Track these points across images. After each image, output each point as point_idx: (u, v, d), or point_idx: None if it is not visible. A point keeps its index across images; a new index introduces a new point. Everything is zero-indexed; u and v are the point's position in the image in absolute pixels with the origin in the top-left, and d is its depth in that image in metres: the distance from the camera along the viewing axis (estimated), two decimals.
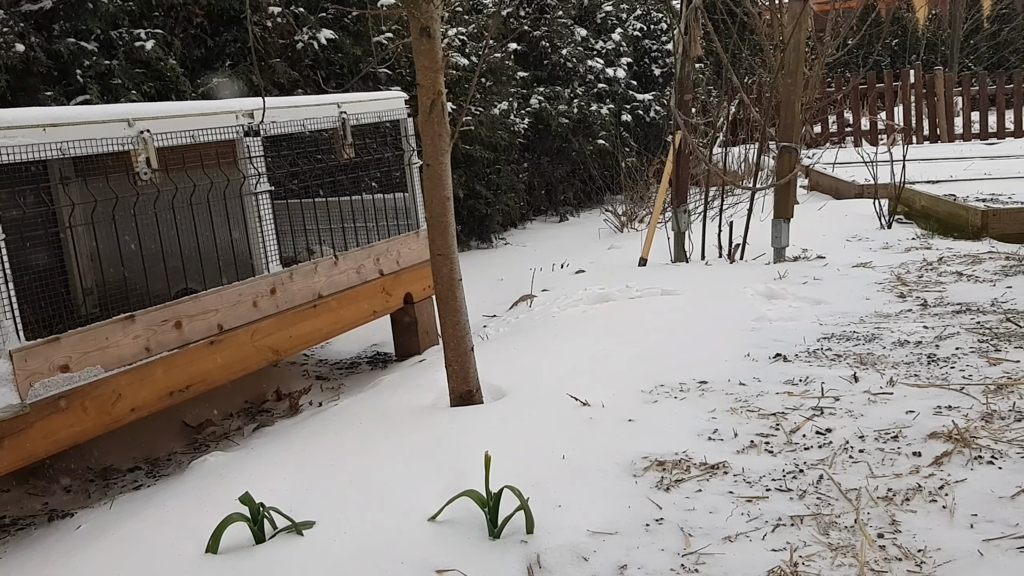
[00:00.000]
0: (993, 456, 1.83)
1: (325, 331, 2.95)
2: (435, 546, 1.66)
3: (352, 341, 3.86)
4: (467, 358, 2.35)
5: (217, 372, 2.52)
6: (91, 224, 2.60)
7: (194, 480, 2.20)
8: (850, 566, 1.50)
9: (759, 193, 4.75)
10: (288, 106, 2.84)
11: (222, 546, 1.73)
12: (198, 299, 2.48)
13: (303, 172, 3.20)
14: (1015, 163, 7.13)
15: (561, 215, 7.51)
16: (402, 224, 3.42)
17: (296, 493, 1.92)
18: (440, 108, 2.20)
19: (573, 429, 2.14)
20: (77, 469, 2.73)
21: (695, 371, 2.52)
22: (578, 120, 7.53)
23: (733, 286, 3.57)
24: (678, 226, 4.41)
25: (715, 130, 5.41)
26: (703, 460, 1.93)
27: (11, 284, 2.00)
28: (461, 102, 5.19)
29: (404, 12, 2.19)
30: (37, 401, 2.04)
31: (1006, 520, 1.59)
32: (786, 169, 4.31)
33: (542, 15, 7.74)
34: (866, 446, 1.94)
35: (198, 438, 2.98)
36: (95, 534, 1.98)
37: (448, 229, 2.28)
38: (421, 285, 3.36)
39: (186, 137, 2.46)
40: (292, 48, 4.71)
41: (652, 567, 1.55)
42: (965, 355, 2.49)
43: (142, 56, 3.95)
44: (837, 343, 2.73)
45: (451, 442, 2.09)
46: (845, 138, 11.14)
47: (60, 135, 2.14)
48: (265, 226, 2.71)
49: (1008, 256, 3.95)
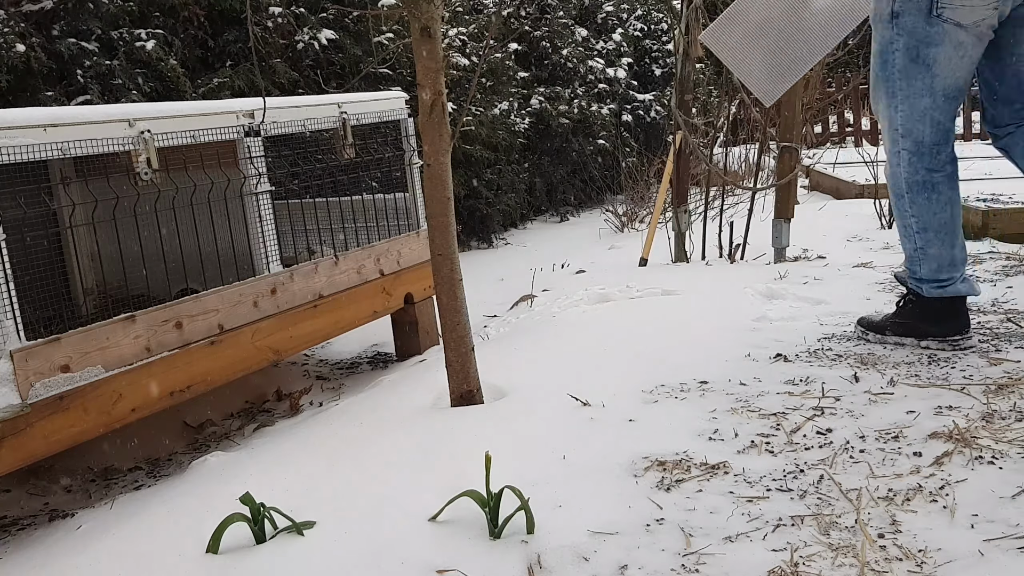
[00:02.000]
0: (994, 456, 1.83)
1: (325, 331, 2.95)
2: (435, 546, 1.66)
3: (352, 341, 3.86)
4: (467, 358, 2.35)
5: (218, 372, 2.52)
6: (92, 224, 2.60)
7: (195, 480, 2.21)
8: (851, 566, 1.50)
9: (759, 193, 4.75)
10: (289, 106, 2.84)
11: (223, 546, 1.73)
12: (199, 299, 2.48)
13: (303, 172, 3.20)
14: None
15: (561, 215, 7.51)
16: (402, 224, 3.42)
17: (297, 493, 1.92)
18: (440, 108, 2.20)
19: (574, 429, 2.14)
20: (78, 469, 2.73)
21: (696, 371, 2.52)
22: (579, 120, 7.53)
23: (734, 286, 3.57)
24: (678, 226, 4.41)
25: (715, 130, 5.41)
26: (704, 460, 1.93)
27: (12, 284, 2.00)
28: (461, 102, 5.19)
29: (404, 12, 2.19)
30: (38, 401, 2.04)
31: (1007, 520, 1.59)
32: (786, 169, 4.31)
33: (543, 15, 7.74)
34: (867, 446, 1.94)
35: (199, 438, 2.98)
36: (95, 534, 1.98)
37: (448, 229, 2.28)
38: (422, 285, 3.36)
39: (187, 137, 2.46)
40: (293, 48, 4.72)
41: (653, 567, 1.55)
42: (966, 355, 2.49)
43: (143, 56, 3.95)
44: (838, 343, 2.73)
45: (451, 442, 2.09)
46: (845, 138, 11.14)
47: (61, 135, 2.14)
48: (265, 226, 2.71)
49: (1009, 256, 3.95)
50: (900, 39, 2.39)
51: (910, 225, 2.56)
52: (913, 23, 2.36)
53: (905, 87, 2.43)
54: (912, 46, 2.38)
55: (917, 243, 2.56)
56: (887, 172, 2.60)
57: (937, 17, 2.33)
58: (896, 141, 2.50)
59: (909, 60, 2.40)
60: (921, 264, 2.59)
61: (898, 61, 2.41)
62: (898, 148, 2.50)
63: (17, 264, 2.08)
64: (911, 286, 2.66)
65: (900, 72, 2.42)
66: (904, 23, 2.37)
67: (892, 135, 2.52)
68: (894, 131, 2.50)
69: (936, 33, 2.35)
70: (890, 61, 2.43)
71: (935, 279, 2.59)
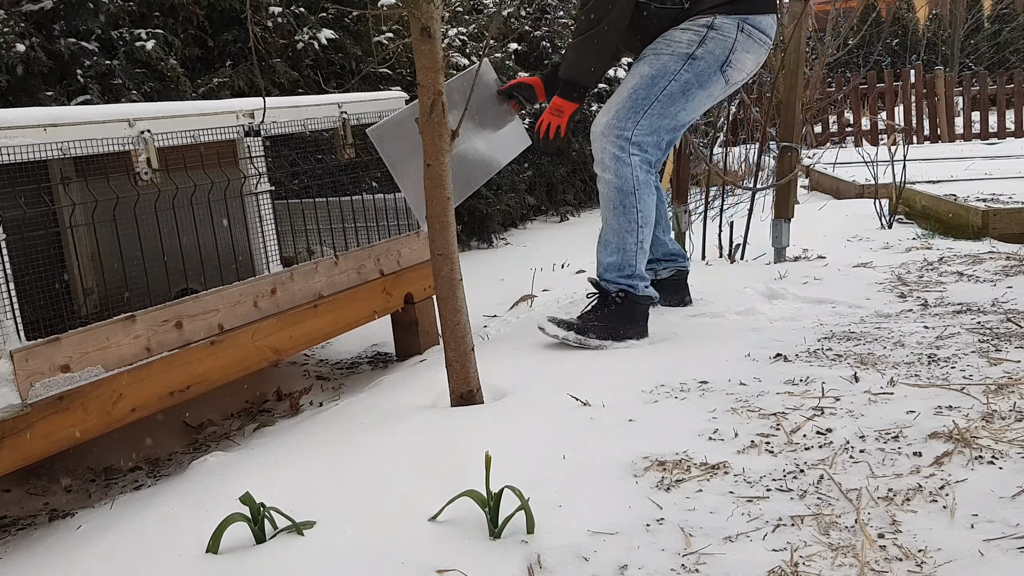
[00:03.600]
0: (994, 456, 1.83)
1: (325, 331, 2.95)
2: (435, 546, 1.66)
3: (352, 341, 3.86)
4: (467, 358, 2.35)
5: (218, 372, 2.52)
6: (91, 224, 2.60)
7: (195, 480, 2.21)
8: (851, 566, 1.50)
9: (760, 193, 4.75)
10: (289, 106, 2.84)
11: (223, 546, 1.73)
12: (199, 299, 2.48)
13: (303, 172, 3.20)
14: (1015, 163, 7.13)
15: (562, 215, 7.51)
16: (402, 224, 3.42)
17: (297, 493, 1.92)
18: (440, 108, 2.20)
19: (573, 429, 2.14)
20: (78, 469, 2.73)
21: (695, 371, 2.52)
22: (579, 120, 7.53)
23: (734, 286, 3.57)
24: (678, 226, 4.41)
25: (715, 130, 5.41)
26: (704, 460, 1.93)
27: (12, 284, 2.00)
28: None
29: (404, 12, 2.19)
30: (38, 401, 2.04)
31: (1007, 520, 1.59)
32: (786, 169, 4.31)
33: (543, 15, 7.74)
34: (867, 446, 1.94)
35: (199, 438, 2.98)
36: (95, 534, 1.98)
37: (448, 229, 2.28)
38: (422, 285, 3.36)
39: (187, 137, 2.46)
40: (292, 48, 4.72)
41: (653, 567, 1.55)
42: (966, 355, 2.49)
43: (143, 56, 3.95)
44: (838, 343, 2.73)
45: (451, 442, 2.09)
46: (845, 138, 11.13)
47: (61, 135, 2.14)
48: (266, 226, 2.71)
49: (1009, 256, 3.95)
50: (684, 74, 2.81)
51: (635, 219, 2.86)
52: (702, 68, 2.81)
53: (660, 109, 2.82)
54: (690, 82, 2.82)
55: (640, 236, 2.88)
56: (609, 174, 2.86)
57: (721, 72, 2.84)
58: (624, 148, 2.83)
59: (679, 91, 2.82)
60: (638, 259, 2.89)
61: (670, 88, 2.81)
62: (627, 154, 2.83)
63: (17, 264, 2.08)
64: (621, 287, 2.89)
65: (665, 96, 2.82)
66: (696, 65, 2.81)
67: (619, 142, 2.84)
68: (623, 139, 2.83)
69: (713, 81, 2.85)
70: (661, 85, 2.81)
71: (644, 276, 2.92)
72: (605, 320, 2.85)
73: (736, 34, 2.81)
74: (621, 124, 2.84)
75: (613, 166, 2.85)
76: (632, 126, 2.82)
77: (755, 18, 2.84)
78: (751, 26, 2.83)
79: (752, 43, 2.85)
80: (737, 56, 2.84)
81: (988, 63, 15.02)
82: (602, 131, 2.88)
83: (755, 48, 2.87)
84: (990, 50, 15.64)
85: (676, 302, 3.28)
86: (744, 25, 2.82)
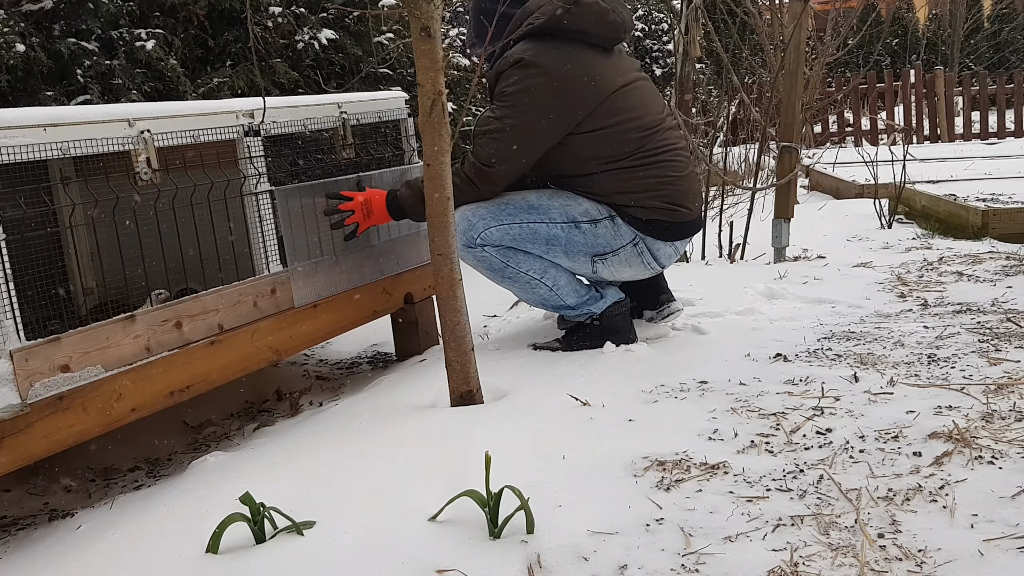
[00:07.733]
0: (994, 456, 1.83)
1: (325, 331, 2.94)
2: (435, 546, 1.66)
3: (352, 341, 3.86)
4: (467, 358, 2.35)
5: (217, 372, 2.52)
6: (91, 224, 2.60)
7: (195, 480, 2.21)
8: (850, 566, 1.50)
9: (759, 193, 4.75)
10: (288, 106, 2.84)
11: (223, 546, 1.73)
12: (199, 299, 2.48)
13: (303, 172, 3.19)
14: (1015, 163, 7.14)
15: None
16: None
17: (296, 493, 1.92)
18: (440, 108, 2.20)
19: (573, 429, 2.14)
20: (78, 469, 2.73)
21: (695, 371, 2.52)
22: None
23: (733, 286, 3.57)
24: None
25: (715, 130, 5.41)
26: (703, 460, 1.93)
27: (11, 284, 2.00)
28: (461, 102, 5.19)
29: (405, 12, 2.19)
30: (38, 401, 2.04)
31: (1006, 520, 1.59)
32: (786, 169, 4.31)
33: None
34: (866, 446, 1.94)
35: (198, 438, 2.98)
36: (95, 534, 1.98)
37: (448, 229, 2.28)
38: (422, 285, 3.35)
39: (187, 137, 2.46)
40: (293, 48, 4.71)
41: (652, 567, 1.55)
42: (965, 355, 2.49)
43: (143, 56, 3.95)
44: (837, 343, 2.73)
45: (451, 442, 2.09)
46: (845, 138, 11.13)
47: (61, 135, 2.14)
48: (265, 226, 2.71)
49: (1008, 256, 3.95)
50: (560, 231, 2.77)
51: (528, 280, 2.82)
52: (579, 242, 2.78)
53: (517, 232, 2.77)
54: (558, 240, 2.77)
55: (548, 283, 2.82)
56: (471, 261, 2.82)
57: (591, 260, 2.82)
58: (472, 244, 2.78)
59: (544, 237, 2.76)
60: (564, 296, 2.84)
61: (538, 228, 2.75)
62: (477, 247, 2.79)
63: (17, 264, 2.08)
64: (581, 316, 2.87)
65: (528, 230, 2.76)
66: (574, 234, 2.77)
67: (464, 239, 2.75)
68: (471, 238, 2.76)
69: (580, 261, 2.82)
70: (533, 217, 2.76)
71: (587, 296, 2.85)
72: (587, 338, 2.85)
73: (627, 244, 2.80)
74: (473, 223, 2.77)
75: (469, 257, 2.80)
76: (483, 228, 2.76)
77: (654, 242, 2.82)
78: (645, 247, 2.82)
79: (637, 261, 2.84)
80: (616, 259, 2.82)
81: (988, 63, 15.03)
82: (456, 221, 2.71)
83: (637, 265, 2.86)
84: (990, 50, 15.65)
85: (650, 304, 3.13)
86: (639, 242, 2.81)
